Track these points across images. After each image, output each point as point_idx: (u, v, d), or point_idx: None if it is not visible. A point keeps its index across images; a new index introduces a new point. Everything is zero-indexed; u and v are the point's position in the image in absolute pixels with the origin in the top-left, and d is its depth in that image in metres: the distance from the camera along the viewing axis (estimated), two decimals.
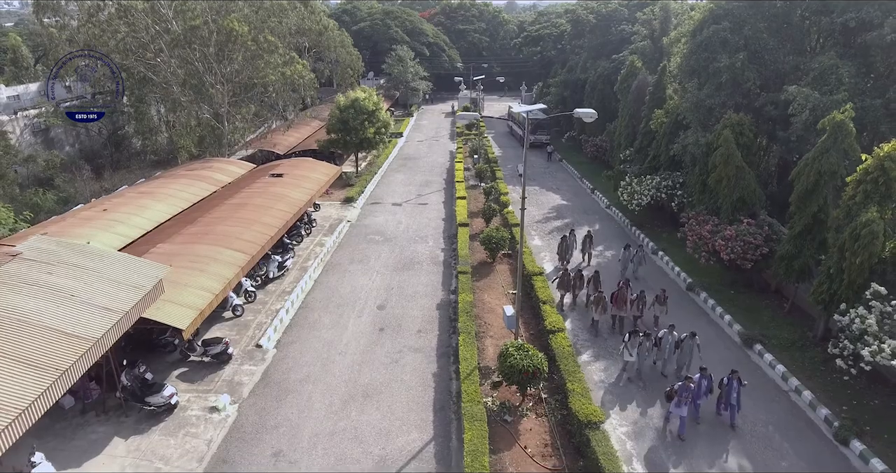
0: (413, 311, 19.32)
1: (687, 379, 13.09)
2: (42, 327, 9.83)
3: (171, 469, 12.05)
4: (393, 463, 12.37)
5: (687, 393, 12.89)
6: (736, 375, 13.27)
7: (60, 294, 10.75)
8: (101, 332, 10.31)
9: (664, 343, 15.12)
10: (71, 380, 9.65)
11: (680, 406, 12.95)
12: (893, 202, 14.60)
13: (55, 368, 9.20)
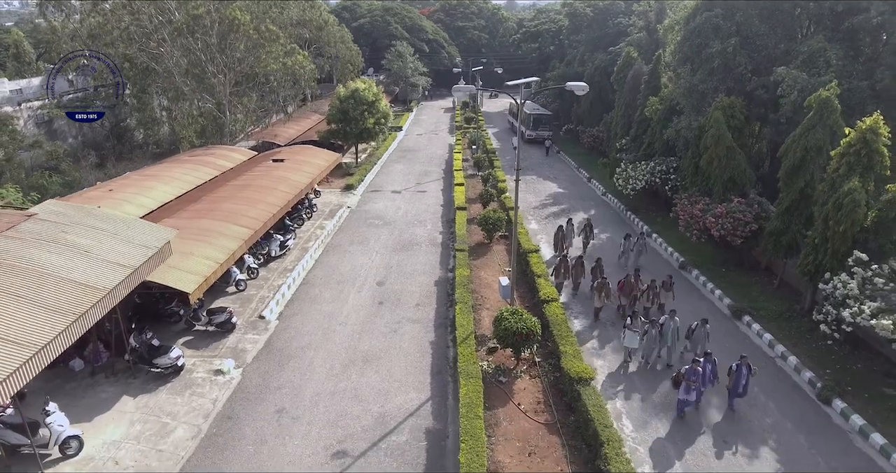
0: (411, 287, 19.82)
1: (694, 361, 12.63)
2: (58, 277, 10.32)
3: (178, 424, 12.52)
4: (392, 419, 12.85)
5: (695, 377, 12.43)
6: (745, 361, 12.81)
7: (74, 249, 11.23)
8: (113, 284, 10.79)
9: (665, 329, 14.55)
10: (86, 325, 10.14)
11: (689, 392, 12.53)
12: (875, 173, 15.10)
13: (72, 312, 9.69)
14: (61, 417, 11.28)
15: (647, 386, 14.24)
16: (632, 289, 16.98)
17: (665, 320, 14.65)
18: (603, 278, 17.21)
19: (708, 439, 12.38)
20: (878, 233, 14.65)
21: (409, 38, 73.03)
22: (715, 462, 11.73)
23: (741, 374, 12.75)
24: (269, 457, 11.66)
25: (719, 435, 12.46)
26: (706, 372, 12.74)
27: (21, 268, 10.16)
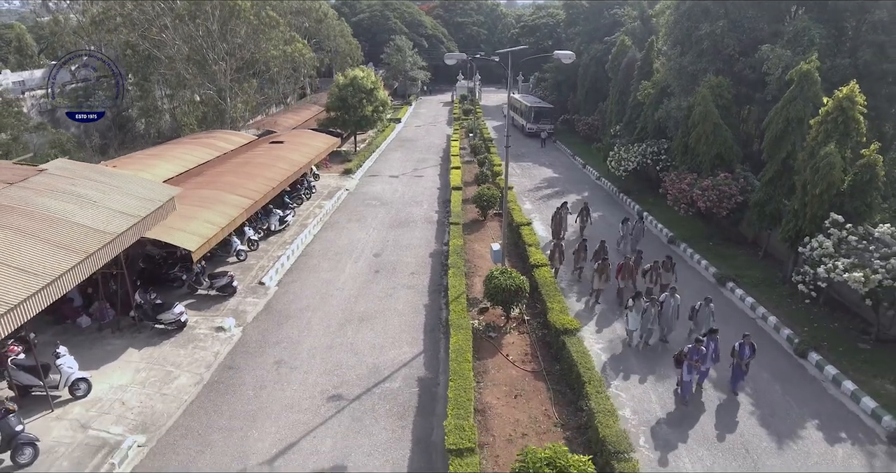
0: (407, 258, 20.41)
1: (697, 341, 12.04)
2: (70, 222, 10.90)
3: (182, 372, 13.11)
4: (385, 369, 13.44)
5: (698, 356, 11.88)
6: (748, 340, 12.36)
7: (83, 199, 11.82)
8: (120, 230, 11.38)
9: (666, 307, 14.21)
10: (95, 265, 10.74)
11: (691, 372, 11.99)
12: (851, 140, 15.69)
13: (83, 251, 10.27)
14: (71, 360, 11.88)
15: (646, 367, 13.72)
16: (631, 273, 16.47)
17: (665, 298, 14.33)
18: (604, 259, 16.70)
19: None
20: (853, 197, 15.25)
21: (408, 32, 73.63)
22: (692, 407, 12.29)
23: (744, 354, 12.26)
24: (269, 400, 12.25)
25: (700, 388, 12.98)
26: (709, 352, 12.22)
27: (34, 213, 10.75)
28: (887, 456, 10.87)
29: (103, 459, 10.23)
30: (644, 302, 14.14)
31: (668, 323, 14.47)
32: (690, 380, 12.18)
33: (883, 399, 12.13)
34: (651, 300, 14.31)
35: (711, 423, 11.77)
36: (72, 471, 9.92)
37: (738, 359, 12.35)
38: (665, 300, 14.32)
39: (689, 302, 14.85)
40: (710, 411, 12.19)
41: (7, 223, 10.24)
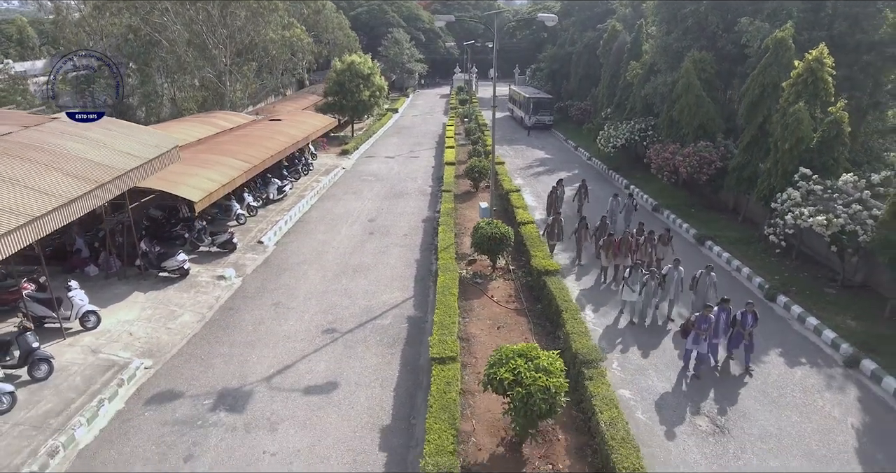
0: (400, 223, 21.24)
1: (706, 308, 11.31)
2: (82, 159, 11.69)
3: (185, 311, 13.91)
4: (377, 310, 14.25)
5: (706, 324, 11.04)
6: (751, 308, 11.54)
7: (94, 141, 12.62)
8: (129, 167, 12.19)
9: (669, 279, 13.36)
10: (107, 196, 11.56)
11: (698, 342, 11.17)
12: (821, 100, 16.54)
13: (95, 181, 11.08)
14: (81, 294, 12.68)
15: (646, 342, 12.87)
16: (629, 247, 15.35)
17: (668, 270, 13.51)
18: (609, 235, 15.70)
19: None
20: (821, 153, 16.09)
21: (405, 26, 74.54)
22: (662, 336, 13.09)
23: (746, 323, 11.46)
24: (267, 333, 13.06)
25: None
26: (720, 322, 11.40)
27: (50, 150, 11.56)
28: (843, 377, 11.68)
29: (113, 375, 11.02)
30: (643, 273, 13.20)
31: (672, 297, 13.54)
32: (694, 351, 11.35)
33: (842, 331, 12.94)
34: (651, 272, 13.30)
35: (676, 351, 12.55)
36: (83, 385, 10.69)
37: (740, 329, 11.55)
38: (668, 272, 13.44)
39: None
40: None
41: (27, 156, 11.04)
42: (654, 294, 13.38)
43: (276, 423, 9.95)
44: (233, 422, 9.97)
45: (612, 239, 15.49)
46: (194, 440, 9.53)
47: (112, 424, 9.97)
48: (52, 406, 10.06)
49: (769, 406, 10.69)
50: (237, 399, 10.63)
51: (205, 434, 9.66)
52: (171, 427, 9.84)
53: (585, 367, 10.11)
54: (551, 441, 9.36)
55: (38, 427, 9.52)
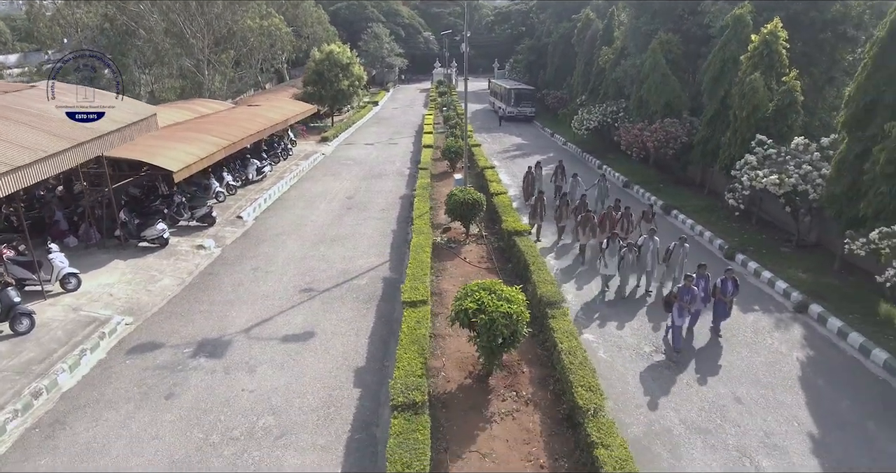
0: (378, 199, 21.71)
1: (687, 278, 10.95)
2: (62, 120, 11.97)
3: (165, 276, 14.23)
4: (354, 272, 14.71)
5: (689, 296, 10.72)
6: (731, 275, 11.42)
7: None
8: (108, 130, 12.49)
9: (644, 250, 13.13)
10: (86, 155, 11.88)
11: (682, 315, 10.82)
12: (775, 70, 17.38)
13: (73, 139, 11.38)
14: (61, 256, 12.94)
15: (625, 315, 12.64)
16: (614, 224, 15.00)
17: (644, 240, 13.33)
18: (588, 212, 15.47)
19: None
20: (776, 121, 16.94)
21: (385, 21, 74.87)
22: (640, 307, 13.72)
23: (727, 290, 11.28)
24: (246, 293, 13.45)
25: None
26: (698, 289, 11.07)
27: (29, 112, 11.83)
28: (791, 320, 12.45)
29: (94, 329, 11.33)
30: (621, 245, 13.05)
31: (649, 269, 13.36)
32: (682, 325, 10.99)
33: (794, 282, 13.73)
34: (629, 245, 13.17)
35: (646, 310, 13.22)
36: (65, 338, 10.99)
37: (721, 296, 11.33)
38: (644, 243, 13.27)
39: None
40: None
41: (8, 116, 11.34)
42: (633, 267, 13.18)
43: (254, 366, 10.38)
44: (212, 366, 10.37)
45: (590, 215, 15.21)
46: (175, 381, 9.92)
47: (94, 371, 10.30)
48: (35, 356, 10.36)
49: (722, 344, 11.38)
50: (217, 347, 11.03)
51: (185, 377, 10.05)
52: (153, 372, 10.21)
53: (549, 308, 10.71)
54: (516, 373, 9.93)
55: (21, 372, 9.82)
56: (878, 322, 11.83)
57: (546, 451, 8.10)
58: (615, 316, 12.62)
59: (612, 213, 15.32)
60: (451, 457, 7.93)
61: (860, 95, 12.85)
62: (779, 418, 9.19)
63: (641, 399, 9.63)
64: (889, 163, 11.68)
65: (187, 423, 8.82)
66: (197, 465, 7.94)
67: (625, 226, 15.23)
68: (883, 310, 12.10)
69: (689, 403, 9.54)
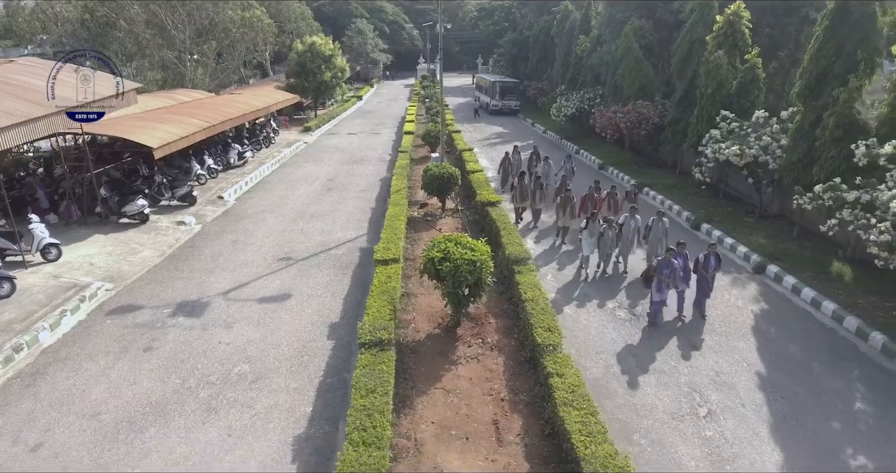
0: (359, 181, 22.10)
1: (668, 251, 10.57)
2: (41, 92, 12.23)
3: (145, 248, 14.50)
4: (332, 244, 15.09)
5: (669, 270, 10.31)
6: (714, 249, 10.96)
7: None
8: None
9: (626, 228, 12.81)
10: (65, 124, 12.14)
11: (661, 290, 10.46)
12: (738, 49, 18.03)
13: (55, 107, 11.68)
14: (42, 227, 13.19)
15: (605, 292, 12.31)
16: (597, 204, 14.65)
17: (625, 219, 13.03)
18: (567, 190, 14.93)
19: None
20: (740, 96, 17.59)
21: (369, 17, 75.16)
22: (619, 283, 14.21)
23: (709, 265, 10.81)
24: (225, 262, 13.78)
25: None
26: (677, 267, 10.54)
27: (9, 83, 12.10)
28: (749, 279, 13.04)
29: (75, 293, 11.61)
30: (600, 224, 12.75)
31: (628, 247, 13.04)
32: (661, 300, 10.63)
33: (754, 246, 14.33)
34: (608, 222, 12.76)
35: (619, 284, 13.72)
36: (46, 301, 11.26)
37: (703, 272, 10.89)
38: (625, 221, 12.98)
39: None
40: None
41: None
42: (613, 245, 12.73)
43: (231, 323, 10.74)
44: (191, 324, 10.71)
45: (569, 195, 14.66)
46: (154, 337, 10.24)
47: (74, 330, 10.59)
48: (15, 316, 10.61)
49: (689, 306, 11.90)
50: (195, 308, 11.36)
51: (164, 333, 10.38)
52: (132, 329, 10.53)
53: (516, 265, 11.17)
54: (483, 324, 10.38)
55: (2, 331, 10.08)
56: (830, 279, 12.45)
57: (507, 387, 8.55)
58: (595, 293, 12.26)
59: (593, 194, 14.99)
60: (416, 393, 8.36)
61: (812, 66, 13.49)
62: (730, 360, 9.74)
63: (602, 347, 10.12)
64: (837, 128, 12.31)
65: (165, 371, 9.16)
66: (173, 404, 8.29)
67: (611, 205, 14.85)
68: (835, 269, 12.72)
69: (647, 350, 10.05)
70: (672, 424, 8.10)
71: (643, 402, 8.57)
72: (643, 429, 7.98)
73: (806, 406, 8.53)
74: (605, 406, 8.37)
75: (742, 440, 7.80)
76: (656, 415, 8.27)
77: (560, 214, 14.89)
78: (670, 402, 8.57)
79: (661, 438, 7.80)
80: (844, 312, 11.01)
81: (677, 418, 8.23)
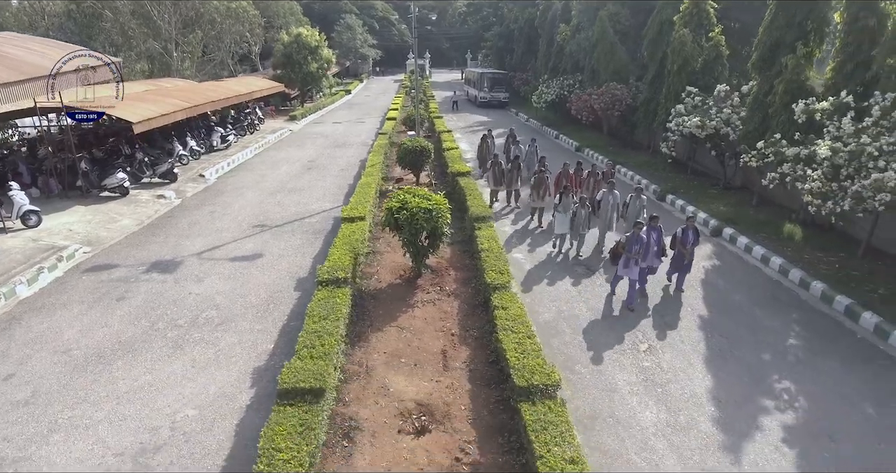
0: (339, 162, 22.55)
1: (637, 225, 9.92)
2: (21, 61, 12.64)
3: (125, 218, 14.91)
4: (306, 214, 15.53)
5: (638, 245, 9.75)
6: (692, 223, 10.49)
7: (32, 51, 13.56)
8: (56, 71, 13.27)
9: (604, 205, 12.33)
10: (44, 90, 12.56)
11: (629, 266, 9.89)
12: (704, 29, 18.61)
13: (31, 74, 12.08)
14: (22, 194, 13.58)
15: (579, 271, 11.82)
16: (575, 183, 14.23)
17: (603, 195, 12.49)
18: (541, 170, 14.41)
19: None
20: (704, 73, 18.16)
21: (359, 13, 75.61)
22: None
23: (687, 239, 10.31)
24: (201, 229, 14.21)
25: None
26: (650, 242, 10.08)
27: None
28: (705, 240, 13.57)
29: (52, 254, 12.01)
30: (573, 201, 12.28)
31: (609, 225, 12.59)
32: (624, 277, 10.15)
33: (714, 213, 14.90)
34: (581, 199, 12.20)
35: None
36: (24, 259, 11.66)
37: (681, 247, 10.40)
38: (603, 197, 12.43)
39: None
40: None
41: None
42: (586, 224, 12.13)
43: (202, 277, 11.18)
44: (164, 278, 11.15)
45: (543, 175, 14.12)
46: (127, 289, 10.68)
47: (51, 285, 11.00)
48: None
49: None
50: (169, 265, 11.80)
51: (137, 286, 10.81)
52: (107, 283, 10.95)
53: (477, 222, 11.68)
54: (443, 276, 10.87)
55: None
56: (782, 239, 13.03)
57: (458, 325, 9.05)
58: (568, 271, 11.85)
59: (567, 171, 14.38)
60: (372, 330, 8.83)
61: (765, 37, 14.07)
62: (676, 307, 10.27)
63: (555, 295, 10.63)
64: (786, 93, 12.89)
65: (136, 316, 9.59)
66: (141, 342, 8.73)
67: (590, 185, 14.23)
68: (786, 230, 13.30)
69: (597, 298, 10.56)
70: (613, 357, 8.61)
71: (589, 340, 9.08)
72: (585, 361, 8.49)
73: (742, 343, 9.06)
74: (551, 344, 8.89)
75: (676, 369, 8.32)
76: (599, 350, 8.78)
77: (535, 195, 14.22)
78: (614, 340, 9.08)
79: (601, 368, 8.31)
80: (790, 266, 11.57)
81: (619, 352, 8.75)
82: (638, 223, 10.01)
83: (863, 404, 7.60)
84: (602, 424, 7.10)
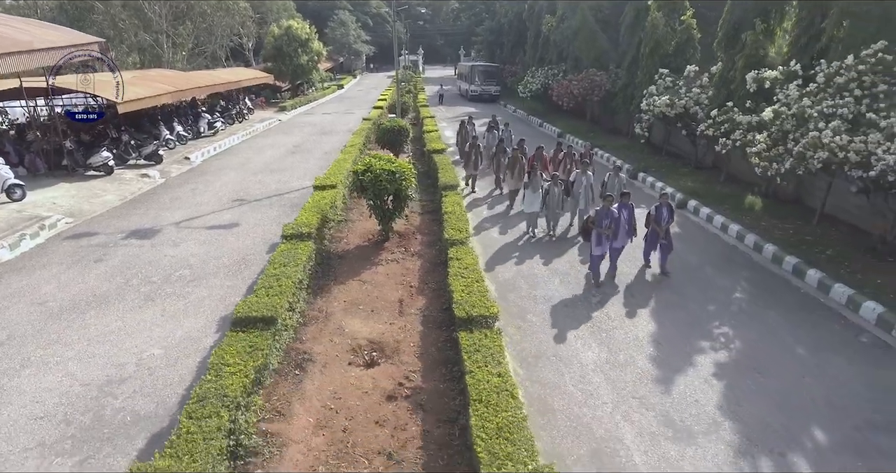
0: (324, 146, 22.96)
1: (607, 199, 9.64)
2: (11, 38, 13.04)
3: (108, 194, 15.31)
4: (286, 190, 15.95)
5: (608, 220, 9.43)
6: (665, 200, 10.12)
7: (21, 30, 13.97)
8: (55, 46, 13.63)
9: (577, 185, 11.81)
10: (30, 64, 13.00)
11: (602, 243, 9.63)
12: (677, 13, 19.08)
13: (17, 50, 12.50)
14: (6, 168, 13.97)
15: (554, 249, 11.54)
16: (550, 165, 14.06)
17: (576, 175, 12.06)
18: (514, 149, 14.05)
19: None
20: (676, 56, 18.62)
21: (352, 10, 76.02)
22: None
23: (661, 217, 9.96)
24: (182, 203, 14.62)
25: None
26: (621, 221, 9.64)
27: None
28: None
29: (35, 223, 12.41)
30: (544, 179, 12.03)
31: (583, 207, 11.91)
32: (602, 255, 9.80)
33: (681, 188, 15.35)
34: (553, 177, 11.76)
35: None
36: (6, 227, 12.05)
37: (654, 225, 10.05)
38: (576, 178, 11.99)
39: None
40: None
41: None
42: (560, 203, 11.75)
43: (178, 242, 11.59)
44: (141, 243, 11.57)
45: (517, 155, 13.59)
46: (105, 252, 11.09)
47: (32, 250, 11.40)
48: None
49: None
50: (148, 233, 12.21)
51: (115, 249, 11.22)
52: (87, 248, 11.36)
53: (445, 190, 12.11)
54: (409, 239, 11.30)
55: None
56: (742, 210, 13.48)
57: (417, 279, 9.48)
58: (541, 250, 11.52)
59: (541, 153, 13.93)
60: (335, 283, 9.26)
61: (729, 16, 14.52)
62: (632, 267, 10.69)
63: (516, 256, 11.07)
64: (746, 68, 13.34)
65: (111, 275, 10.00)
66: (115, 296, 9.14)
67: (566, 164, 13.91)
68: (747, 202, 13.75)
69: (557, 259, 11.00)
70: (564, 310, 9.04)
71: (543, 294, 9.51)
72: (537, 312, 8.92)
73: (690, 296, 9.50)
74: (507, 298, 9.33)
75: (622, 317, 8.76)
76: (552, 303, 9.22)
77: (509, 177, 13.76)
78: (567, 295, 9.52)
79: (551, 318, 8.74)
80: (746, 231, 12.02)
81: (569, 305, 9.18)
82: (608, 196, 9.78)
83: (796, 347, 8.05)
84: (545, 361, 7.53)
